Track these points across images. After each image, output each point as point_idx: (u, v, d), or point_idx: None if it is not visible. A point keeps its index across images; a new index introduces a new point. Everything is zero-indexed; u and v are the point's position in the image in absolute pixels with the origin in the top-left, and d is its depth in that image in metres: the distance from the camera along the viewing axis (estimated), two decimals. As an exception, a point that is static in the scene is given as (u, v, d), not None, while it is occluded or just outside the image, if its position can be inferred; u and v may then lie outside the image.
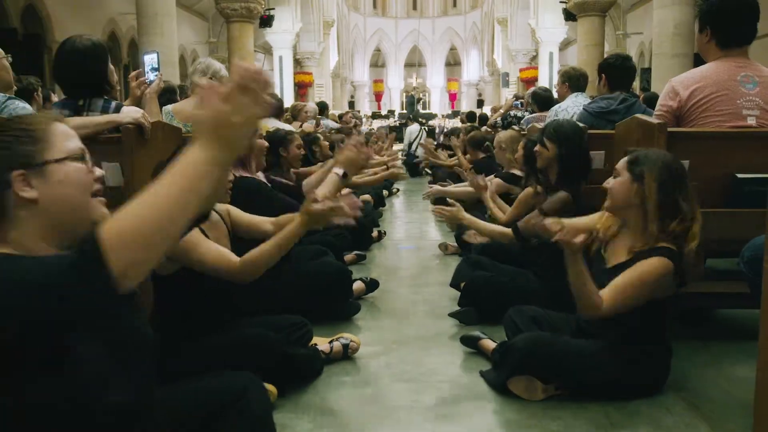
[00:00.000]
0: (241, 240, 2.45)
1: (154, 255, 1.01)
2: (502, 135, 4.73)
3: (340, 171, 2.72)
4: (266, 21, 16.92)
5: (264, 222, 2.52)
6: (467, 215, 3.29)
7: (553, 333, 2.49)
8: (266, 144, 3.34)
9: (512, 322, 2.69)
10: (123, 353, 1.21)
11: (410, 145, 12.14)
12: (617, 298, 2.16)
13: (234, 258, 2.16)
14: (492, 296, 3.15)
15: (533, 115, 5.61)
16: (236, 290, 2.38)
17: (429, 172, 11.33)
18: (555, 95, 5.56)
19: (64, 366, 1.10)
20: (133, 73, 3.44)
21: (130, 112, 2.70)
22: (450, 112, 30.53)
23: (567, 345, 2.33)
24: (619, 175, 2.31)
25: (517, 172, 4.30)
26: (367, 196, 6.91)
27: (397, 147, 14.47)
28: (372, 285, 3.72)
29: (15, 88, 2.95)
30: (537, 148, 3.11)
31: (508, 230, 3.14)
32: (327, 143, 5.24)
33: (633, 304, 2.18)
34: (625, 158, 2.33)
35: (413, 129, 12.25)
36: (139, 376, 1.27)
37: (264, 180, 3.41)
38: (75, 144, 1.25)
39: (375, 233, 5.51)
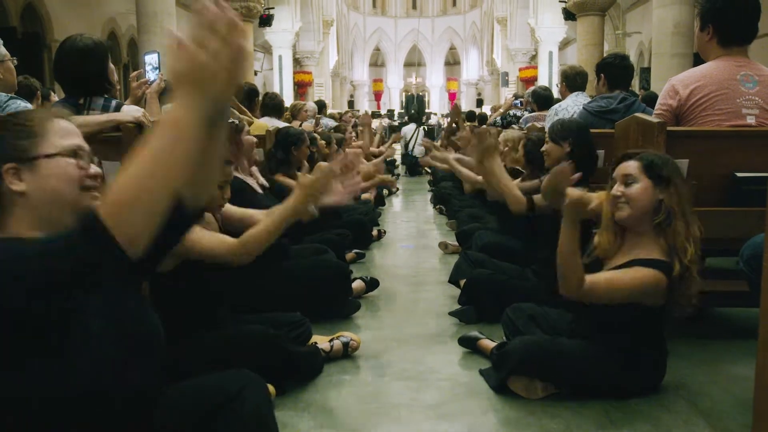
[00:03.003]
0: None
1: (151, 214, 1.04)
2: (509, 134, 4.73)
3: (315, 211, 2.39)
4: (266, 20, 16.93)
5: (257, 213, 2.53)
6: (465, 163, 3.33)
7: (550, 334, 2.50)
8: (254, 140, 3.35)
9: (510, 320, 2.70)
10: (131, 342, 1.24)
11: (407, 144, 12.14)
12: (600, 286, 2.12)
13: (232, 240, 2.22)
14: (491, 294, 3.16)
15: (532, 114, 5.62)
16: (234, 287, 2.38)
17: (429, 171, 11.35)
18: (557, 95, 5.57)
19: (73, 345, 1.12)
20: (133, 74, 3.44)
21: (130, 111, 2.71)
22: (449, 111, 30.51)
23: (562, 349, 2.32)
24: (636, 181, 2.18)
25: (521, 169, 4.32)
26: (367, 195, 6.92)
27: (395, 147, 14.51)
28: (372, 284, 3.72)
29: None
30: (545, 147, 3.08)
31: (522, 197, 3.04)
32: (324, 142, 5.26)
33: (610, 299, 2.15)
34: (635, 162, 2.21)
35: (409, 128, 12.25)
36: (146, 369, 1.29)
37: (259, 176, 3.42)
38: (71, 141, 1.27)
39: (375, 232, 5.52)
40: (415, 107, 16.06)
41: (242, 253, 2.21)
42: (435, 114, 24.47)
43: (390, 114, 23.98)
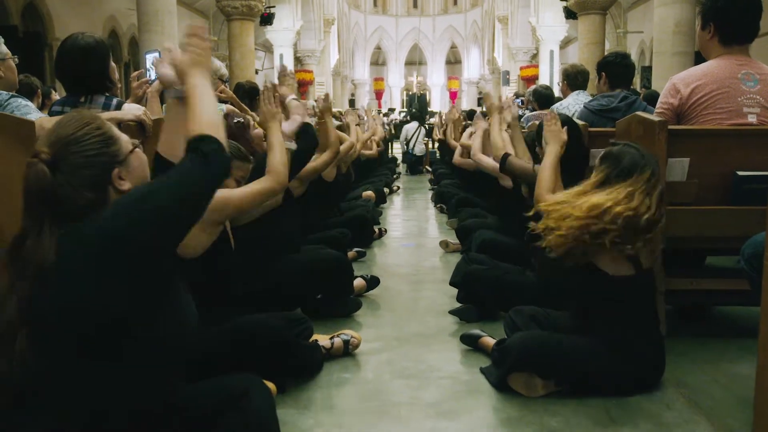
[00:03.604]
0: (239, 228, 2.51)
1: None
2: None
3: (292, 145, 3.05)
4: (267, 19, 16.90)
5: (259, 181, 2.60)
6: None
7: (550, 331, 2.50)
8: (262, 132, 3.36)
9: (511, 321, 2.70)
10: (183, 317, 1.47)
11: (408, 143, 12.13)
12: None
13: (263, 181, 2.51)
14: (489, 289, 3.16)
15: (533, 113, 5.61)
16: (235, 279, 2.40)
17: (429, 169, 11.35)
18: (558, 93, 5.56)
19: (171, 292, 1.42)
20: (134, 74, 3.44)
21: (131, 109, 2.70)
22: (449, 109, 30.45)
23: (561, 342, 2.33)
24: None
25: None
26: (369, 193, 6.92)
27: (397, 145, 14.52)
28: (373, 282, 3.72)
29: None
30: (539, 149, 3.09)
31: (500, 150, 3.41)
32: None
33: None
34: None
35: (411, 127, 12.23)
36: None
37: None
38: (126, 133, 1.49)
39: (376, 231, 5.52)
40: (416, 106, 16.05)
41: (279, 180, 2.54)
42: (437, 113, 24.48)
43: (390, 112, 24.02)
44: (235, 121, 3.04)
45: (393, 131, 15.01)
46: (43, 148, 1.32)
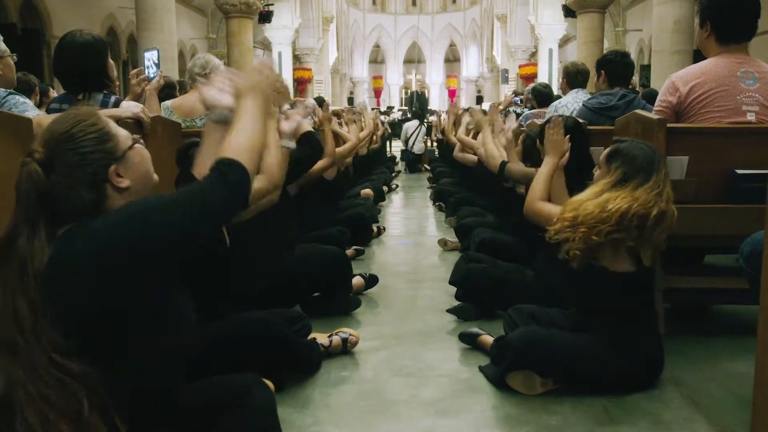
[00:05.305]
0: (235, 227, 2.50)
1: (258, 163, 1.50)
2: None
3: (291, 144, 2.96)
4: (265, 17, 16.89)
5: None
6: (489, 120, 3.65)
7: (550, 328, 2.50)
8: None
9: (511, 320, 2.70)
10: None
11: (407, 141, 12.13)
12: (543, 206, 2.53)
13: (256, 181, 2.32)
14: (488, 288, 3.16)
15: (532, 111, 5.61)
16: (232, 277, 2.39)
17: (428, 168, 11.35)
18: (557, 92, 5.56)
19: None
20: (133, 71, 3.44)
21: (129, 107, 2.70)
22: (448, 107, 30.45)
23: (561, 338, 2.34)
24: (600, 166, 2.37)
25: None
26: (367, 191, 6.92)
27: (396, 144, 14.51)
28: (371, 280, 3.72)
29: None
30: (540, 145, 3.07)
31: (497, 159, 3.42)
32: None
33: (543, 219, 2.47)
34: (606, 149, 2.38)
35: (411, 125, 12.22)
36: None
37: None
38: (125, 129, 1.43)
39: (374, 229, 5.52)
40: (416, 105, 16.05)
41: (270, 175, 2.45)
42: (436, 111, 24.47)
43: (389, 110, 23.99)
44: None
45: (390, 129, 14.98)
46: (37, 147, 1.28)
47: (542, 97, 5.56)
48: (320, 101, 9.63)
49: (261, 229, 2.91)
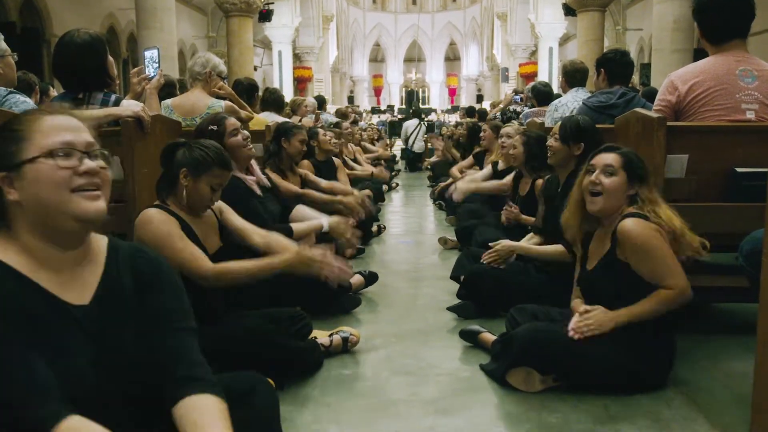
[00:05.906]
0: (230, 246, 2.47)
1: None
2: (510, 129, 4.73)
3: (326, 226, 3.13)
4: (265, 15, 16.88)
5: (254, 233, 2.50)
6: (517, 244, 3.24)
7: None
8: (241, 140, 3.17)
9: (513, 319, 2.69)
10: None
11: (408, 139, 12.13)
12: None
13: (207, 264, 2.18)
14: (491, 288, 3.15)
15: (532, 109, 5.61)
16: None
17: (428, 167, 11.35)
18: (557, 90, 5.55)
19: None
20: (134, 70, 3.44)
21: (129, 106, 2.71)
22: (449, 107, 30.50)
23: (566, 335, 2.31)
24: (615, 173, 2.31)
25: (501, 164, 4.72)
26: (366, 191, 6.91)
27: (396, 143, 14.52)
28: (371, 279, 3.72)
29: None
30: (553, 144, 3.06)
31: (561, 248, 2.95)
32: (326, 138, 5.22)
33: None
34: (616, 156, 2.33)
35: (411, 124, 12.22)
36: None
37: (260, 173, 3.41)
38: (56, 139, 1.21)
39: (374, 228, 5.52)
40: (416, 104, 16.06)
41: (213, 281, 2.18)
42: (434, 110, 24.47)
43: (390, 109, 23.99)
44: (210, 128, 2.90)
45: (387, 130, 15.02)
46: None
47: (542, 95, 5.56)
48: (320, 100, 9.65)
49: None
